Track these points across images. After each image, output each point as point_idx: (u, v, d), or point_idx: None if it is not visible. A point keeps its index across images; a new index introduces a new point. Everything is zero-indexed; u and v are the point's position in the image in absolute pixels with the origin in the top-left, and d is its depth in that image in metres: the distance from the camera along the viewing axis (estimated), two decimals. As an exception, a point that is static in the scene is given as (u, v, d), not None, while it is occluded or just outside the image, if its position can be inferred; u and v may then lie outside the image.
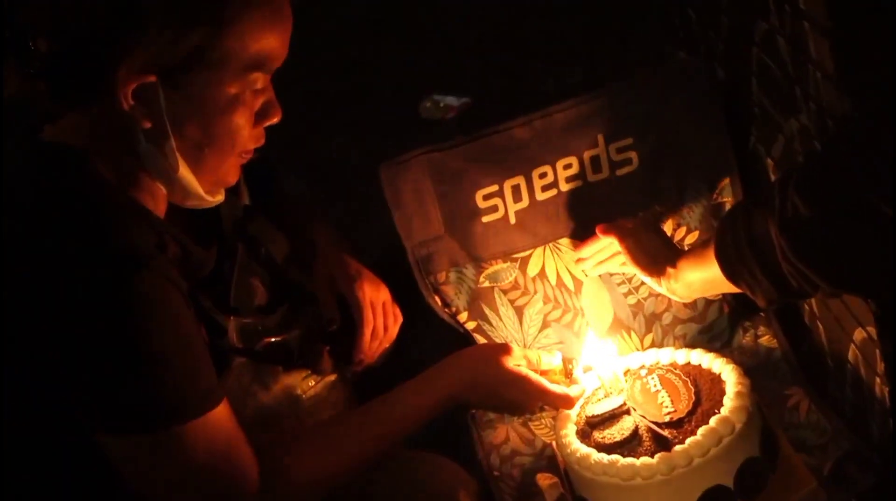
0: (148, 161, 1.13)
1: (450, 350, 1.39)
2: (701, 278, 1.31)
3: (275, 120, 1.18)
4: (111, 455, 1.10)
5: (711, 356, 1.40)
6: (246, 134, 1.16)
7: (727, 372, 1.36)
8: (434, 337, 1.49)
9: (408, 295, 1.48)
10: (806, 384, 1.46)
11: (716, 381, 1.36)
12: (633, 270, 1.45)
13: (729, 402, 1.30)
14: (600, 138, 1.51)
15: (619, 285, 1.53)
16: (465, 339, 1.55)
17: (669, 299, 1.51)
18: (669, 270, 1.37)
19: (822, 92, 1.14)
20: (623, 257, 1.46)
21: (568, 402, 1.38)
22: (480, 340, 1.54)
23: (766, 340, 1.53)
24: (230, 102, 1.13)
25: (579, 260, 1.53)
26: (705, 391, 1.35)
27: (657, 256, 1.41)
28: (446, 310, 1.54)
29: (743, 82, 1.45)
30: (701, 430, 1.26)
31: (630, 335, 1.54)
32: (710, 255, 1.23)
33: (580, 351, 1.49)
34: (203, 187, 1.17)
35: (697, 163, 1.52)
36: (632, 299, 1.53)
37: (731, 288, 1.23)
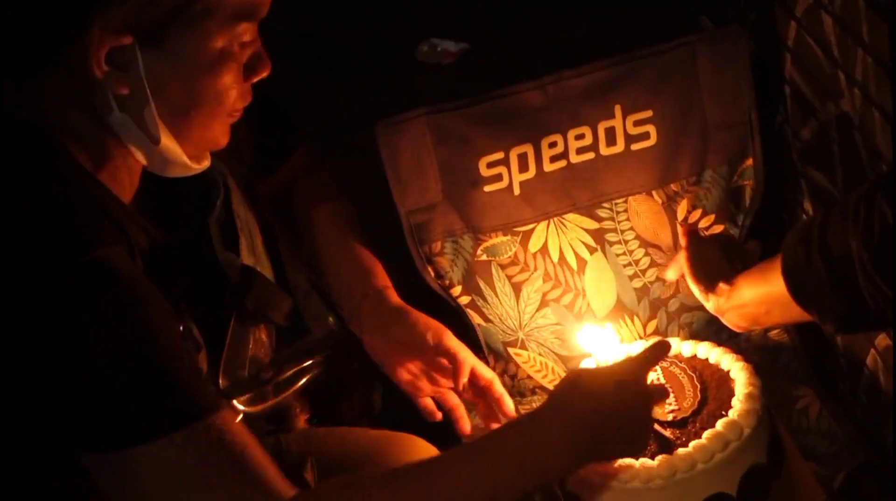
0: (124, 132, 1.01)
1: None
2: (758, 298, 1.18)
3: (264, 74, 1.07)
4: (107, 478, 0.97)
5: (720, 350, 1.31)
6: (235, 93, 1.05)
7: (736, 370, 1.27)
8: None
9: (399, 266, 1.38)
10: (817, 385, 1.38)
11: (724, 379, 1.27)
12: (688, 278, 1.32)
13: (738, 404, 1.21)
14: (618, 109, 1.40)
15: (625, 266, 1.44)
16: (455, 315, 1.45)
17: (677, 285, 1.43)
18: (723, 286, 1.24)
19: (872, 79, 1.04)
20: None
21: None
22: (473, 316, 1.45)
23: (776, 334, 1.44)
24: (217, 58, 1.01)
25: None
26: (712, 389, 1.26)
27: (715, 270, 1.27)
28: (439, 282, 1.44)
29: (775, 58, 1.35)
30: (707, 433, 1.18)
31: (633, 321, 1.45)
32: (775, 271, 1.10)
33: (578, 334, 1.41)
34: (187, 152, 1.05)
35: (720, 142, 1.42)
36: (637, 283, 1.44)
37: (793, 313, 1.11)
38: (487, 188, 1.42)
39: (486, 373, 1.30)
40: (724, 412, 1.21)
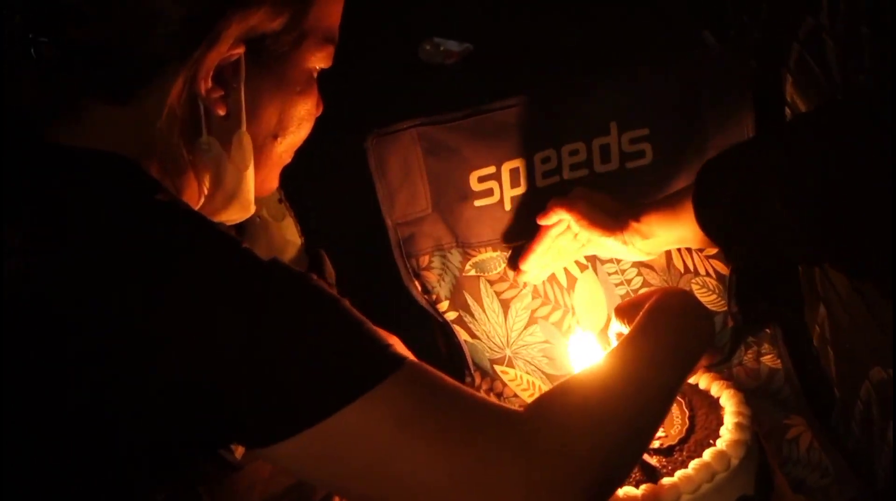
0: (207, 157, 0.94)
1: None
2: (669, 224, 1.19)
3: (319, 112, 1.04)
4: (309, 463, 0.86)
5: (709, 376, 1.28)
6: (311, 125, 1.02)
7: (726, 397, 1.24)
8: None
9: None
10: (809, 414, 1.34)
11: (713, 406, 1.24)
12: (589, 236, 1.30)
13: (727, 434, 1.18)
14: (613, 126, 1.36)
15: (616, 285, 1.40)
16: (442, 330, 1.42)
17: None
18: (632, 222, 1.24)
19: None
20: (572, 245, 1.34)
21: None
22: (460, 332, 1.41)
23: (768, 359, 1.41)
24: (308, 80, 0.98)
25: (519, 272, 1.39)
26: (701, 416, 1.23)
27: (616, 211, 1.27)
28: (426, 297, 1.41)
29: (776, 77, 1.31)
30: (693, 463, 1.14)
31: (623, 341, 1.41)
32: (685, 199, 1.12)
33: (566, 351, 1.38)
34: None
35: (717, 163, 1.37)
36: (629, 303, 1.40)
37: (699, 241, 1.14)
38: (478, 203, 1.38)
39: None
40: (711, 441, 1.18)
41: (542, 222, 1.33)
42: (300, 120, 1.01)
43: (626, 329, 1.17)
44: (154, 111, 0.90)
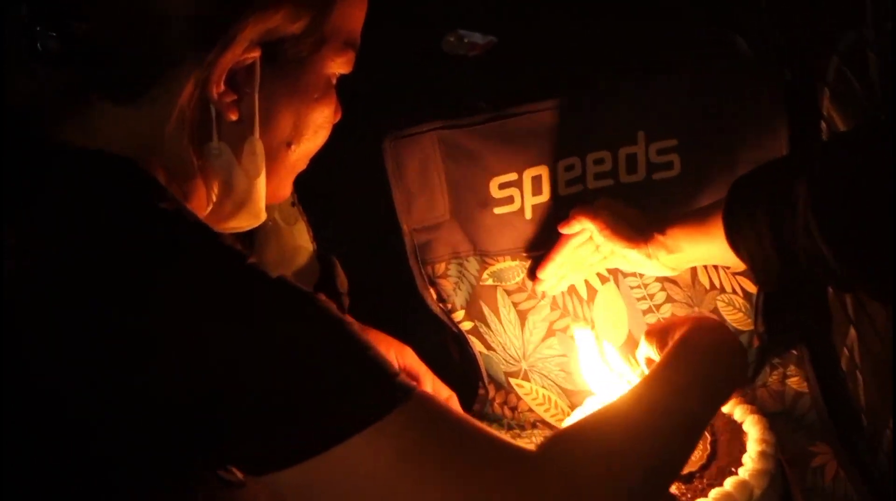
0: (217, 163, 0.90)
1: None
2: (697, 240, 1.16)
3: (339, 116, 0.99)
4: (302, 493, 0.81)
5: (734, 399, 1.24)
6: (327, 133, 0.98)
7: (750, 423, 1.19)
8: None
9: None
10: (835, 443, 1.29)
11: (736, 432, 1.20)
12: (612, 247, 1.26)
13: (750, 462, 1.13)
14: (641, 135, 1.31)
15: (638, 300, 1.35)
16: (456, 340, 1.38)
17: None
18: (657, 236, 1.20)
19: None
20: (593, 257, 1.30)
21: None
22: (475, 343, 1.37)
23: (794, 382, 1.35)
24: (326, 86, 0.94)
25: (537, 281, 1.34)
26: (723, 442, 1.18)
27: (641, 223, 1.23)
28: (440, 305, 1.36)
29: (811, 90, 1.26)
30: (714, 493, 1.10)
31: (644, 358, 1.36)
32: (715, 214, 1.09)
33: (580, 365, 1.33)
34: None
35: (748, 177, 1.32)
36: (651, 318, 1.35)
37: (727, 258, 1.09)
38: (497, 210, 1.34)
39: (444, 391, 1.29)
40: (733, 469, 1.14)
41: (564, 230, 1.29)
42: (317, 127, 0.96)
43: (654, 353, 1.12)
44: (163, 114, 0.86)
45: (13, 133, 0.88)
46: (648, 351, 1.17)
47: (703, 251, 1.16)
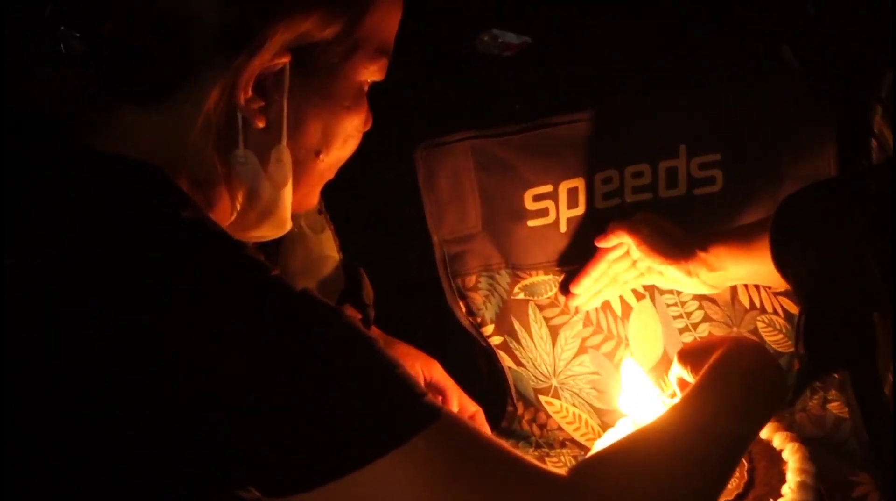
0: (242, 172, 0.87)
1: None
2: (740, 259, 1.13)
3: (369, 125, 0.96)
4: None
5: (773, 424, 1.19)
6: (357, 142, 0.95)
7: (790, 451, 1.15)
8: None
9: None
10: (876, 472, 1.24)
11: (775, 460, 1.15)
12: (650, 263, 1.23)
13: (789, 493, 1.10)
14: (682, 149, 1.26)
15: (675, 318, 1.31)
16: (485, 354, 1.34)
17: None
18: (699, 253, 1.17)
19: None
20: (630, 273, 1.26)
21: None
22: (505, 358, 1.33)
23: (835, 407, 1.30)
24: (357, 93, 0.91)
25: (571, 296, 1.30)
26: (761, 470, 1.14)
27: (681, 239, 1.20)
28: (470, 319, 1.33)
29: (863, 106, 1.21)
30: (751, 524, 1.06)
31: (679, 378, 1.32)
32: (761, 233, 1.05)
33: (617, 386, 1.29)
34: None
35: (793, 195, 1.27)
36: (687, 337, 1.31)
37: (771, 278, 1.06)
38: (531, 223, 1.30)
39: (471, 406, 1.29)
40: (771, 500, 1.09)
41: (601, 244, 1.24)
42: (346, 136, 0.93)
43: (687, 375, 1.08)
44: (188, 119, 0.83)
45: (36, 136, 0.85)
46: (682, 372, 1.13)
47: (746, 271, 1.12)
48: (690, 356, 1.10)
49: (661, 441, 0.88)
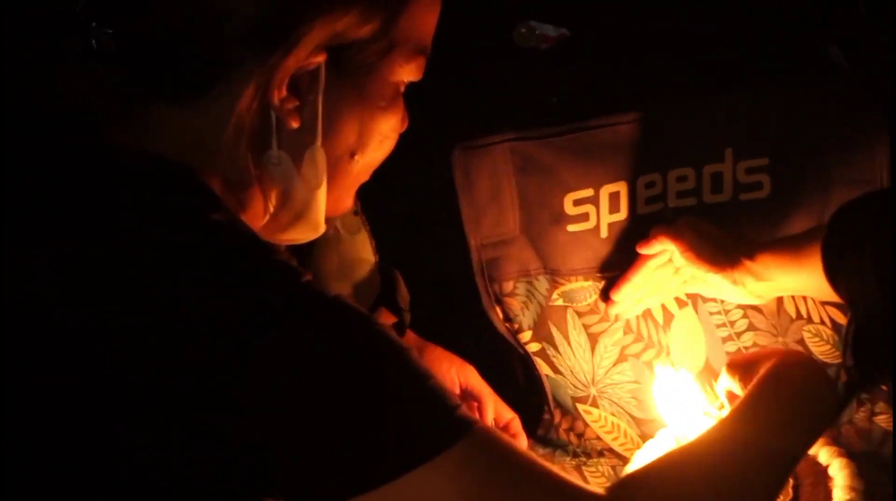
0: (276, 173, 0.85)
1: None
2: (790, 269, 1.09)
3: (405, 126, 0.94)
4: None
5: (819, 439, 1.15)
6: (393, 143, 0.92)
7: (836, 468, 1.11)
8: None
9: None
10: (927, 489, 1.20)
11: (821, 476, 1.12)
12: (693, 270, 1.19)
13: (836, 512, 1.05)
14: (728, 153, 1.23)
15: (718, 327, 1.27)
16: (522, 361, 1.31)
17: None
18: (746, 261, 1.13)
19: None
20: (673, 280, 1.23)
21: None
22: (542, 365, 1.30)
23: (882, 420, 1.26)
24: (394, 93, 0.89)
25: (611, 303, 1.27)
26: (806, 487, 1.11)
27: (727, 246, 1.16)
28: (507, 325, 1.30)
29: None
30: (796, 544, 1.02)
31: (721, 389, 1.28)
32: (812, 244, 1.03)
33: (652, 396, 1.25)
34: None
35: (842, 201, 1.22)
36: (731, 346, 1.27)
37: (821, 291, 1.03)
38: (571, 228, 1.26)
39: (507, 413, 1.28)
40: (818, 519, 1.06)
41: (643, 250, 1.21)
42: (382, 137, 0.91)
43: (736, 387, 1.05)
44: (221, 118, 0.82)
45: (68, 135, 0.84)
46: (730, 384, 1.10)
47: (795, 282, 1.09)
48: (740, 367, 1.07)
49: (707, 460, 0.85)
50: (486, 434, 0.77)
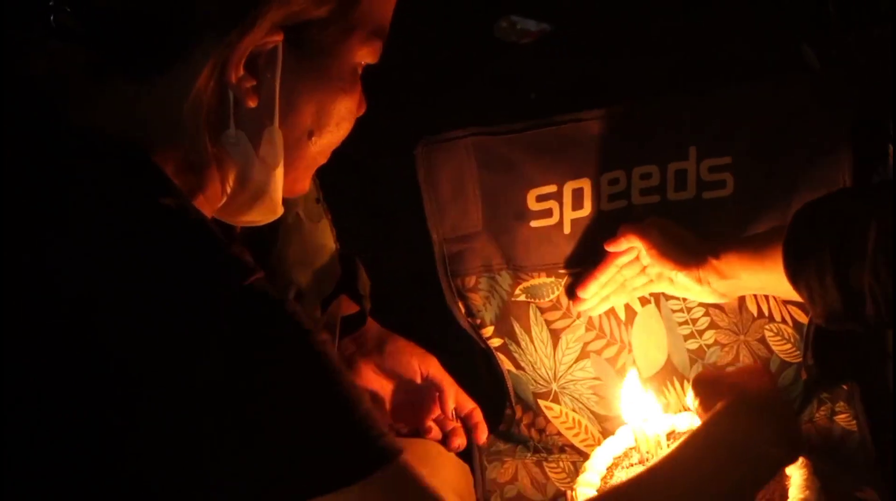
0: (234, 152, 0.85)
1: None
2: (753, 268, 1.10)
3: (363, 110, 0.93)
4: None
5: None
6: (350, 125, 0.92)
7: (794, 466, 1.11)
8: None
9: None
10: (883, 489, 1.20)
11: (777, 475, 1.11)
12: (659, 270, 1.20)
13: (792, 511, 1.06)
14: (692, 151, 1.23)
15: (680, 324, 1.27)
16: (485, 356, 1.31)
17: (738, 352, 1.26)
18: (711, 260, 1.14)
19: None
20: (639, 278, 1.24)
21: None
22: (504, 361, 1.30)
23: (842, 419, 1.27)
24: (352, 76, 0.88)
25: (577, 301, 1.26)
26: (764, 486, 1.11)
27: (693, 246, 1.17)
28: (469, 320, 1.29)
29: (882, 109, 1.17)
30: (751, 543, 1.03)
31: (683, 386, 1.28)
32: (775, 244, 1.03)
33: (618, 395, 1.25)
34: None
35: (805, 201, 1.23)
36: (692, 344, 1.27)
37: (784, 290, 1.04)
38: (534, 223, 1.26)
39: (468, 403, 1.30)
40: (773, 517, 1.06)
41: (610, 248, 1.21)
42: (340, 119, 0.90)
43: (696, 407, 1.10)
44: (178, 96, 0.81)
45: (26, 115, 0.83)
46: (693, 404, 1.12)
47: (759, 281, 1.10)
48: (704, 386, 1.12)
49: None
50: (406, 469, 0.77)
